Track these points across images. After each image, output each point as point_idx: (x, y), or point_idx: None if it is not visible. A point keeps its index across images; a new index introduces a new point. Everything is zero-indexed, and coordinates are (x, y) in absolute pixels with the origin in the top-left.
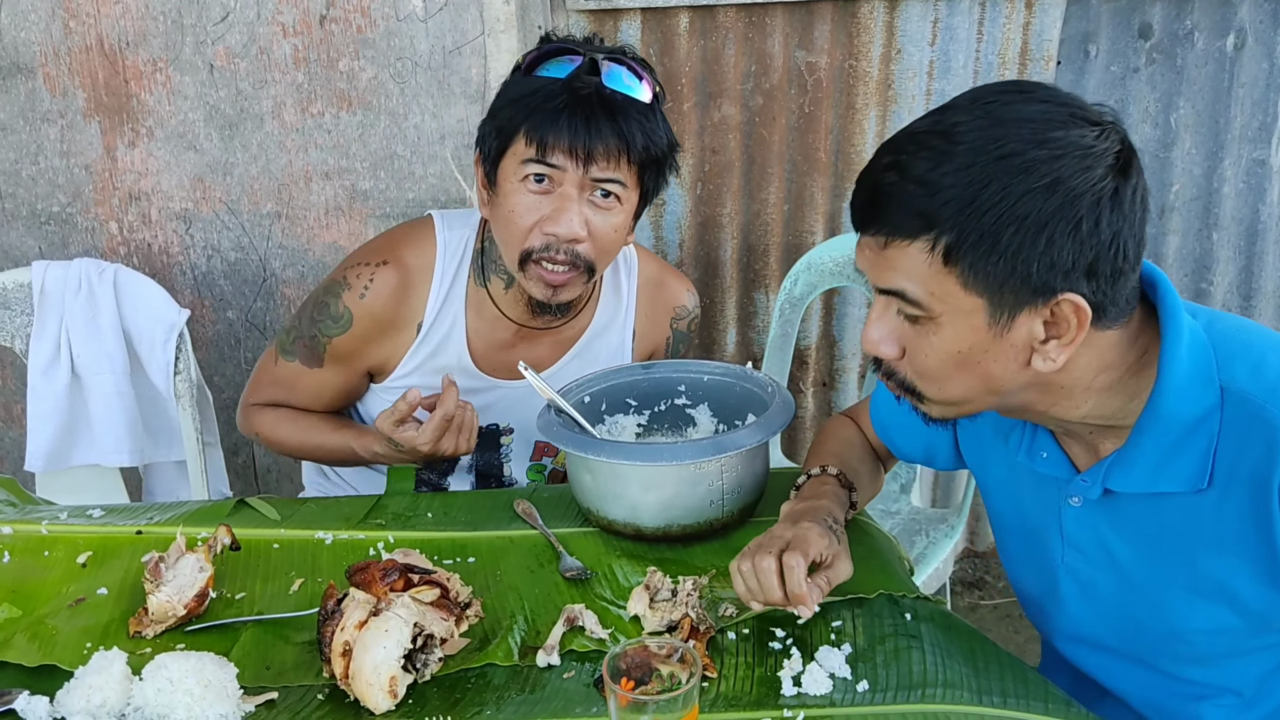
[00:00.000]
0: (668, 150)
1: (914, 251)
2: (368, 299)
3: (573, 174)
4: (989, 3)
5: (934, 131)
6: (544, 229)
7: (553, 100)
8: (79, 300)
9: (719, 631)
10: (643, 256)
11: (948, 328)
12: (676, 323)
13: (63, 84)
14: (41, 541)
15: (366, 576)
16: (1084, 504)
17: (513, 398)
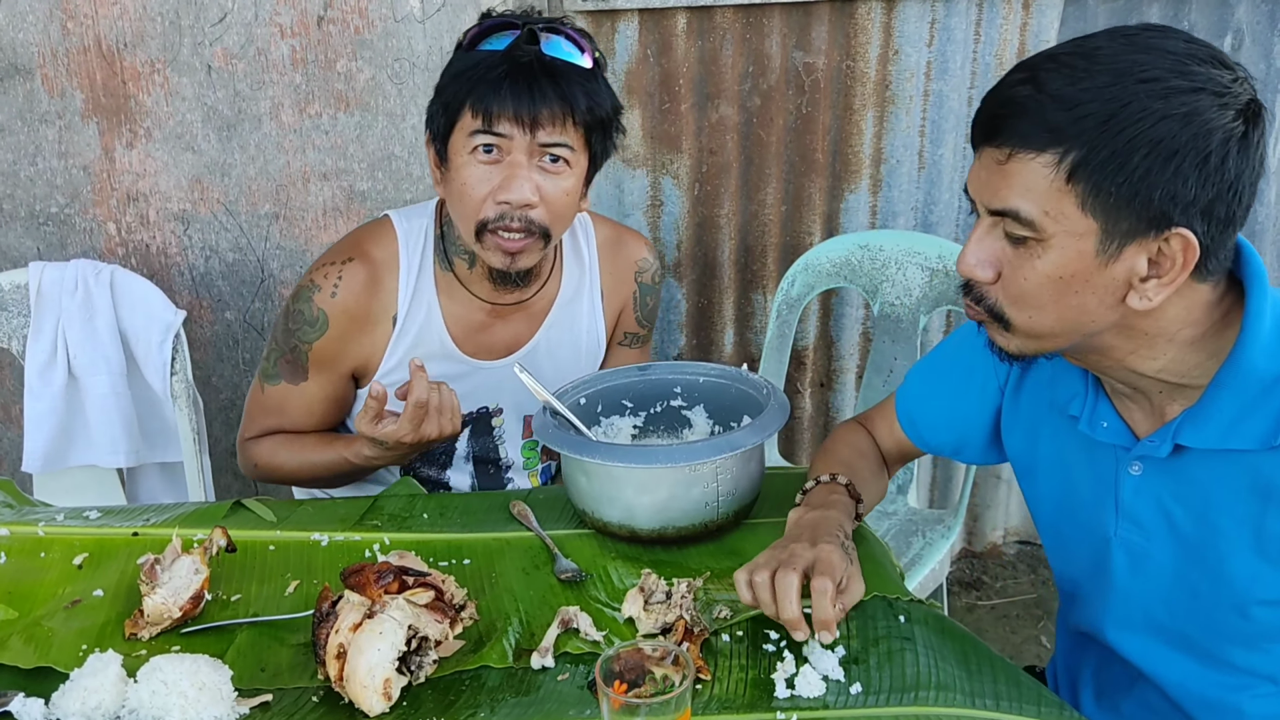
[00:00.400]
0: (612, 113)
1: (1037, 166)
2: (339, 296)
3: (520, 140)
4: (986, 4)
5: (1075, 53)
6: (497, 198)
7: (494, 70)
8: (75, 301)
9: (713, 634)
10: (597, 220)
11: (1055, 251)
12: (640, 276)
13: (61, 85)
14: (38, 543)
15: (361, 579)
16: (1144, 472)
17: (498, 378)
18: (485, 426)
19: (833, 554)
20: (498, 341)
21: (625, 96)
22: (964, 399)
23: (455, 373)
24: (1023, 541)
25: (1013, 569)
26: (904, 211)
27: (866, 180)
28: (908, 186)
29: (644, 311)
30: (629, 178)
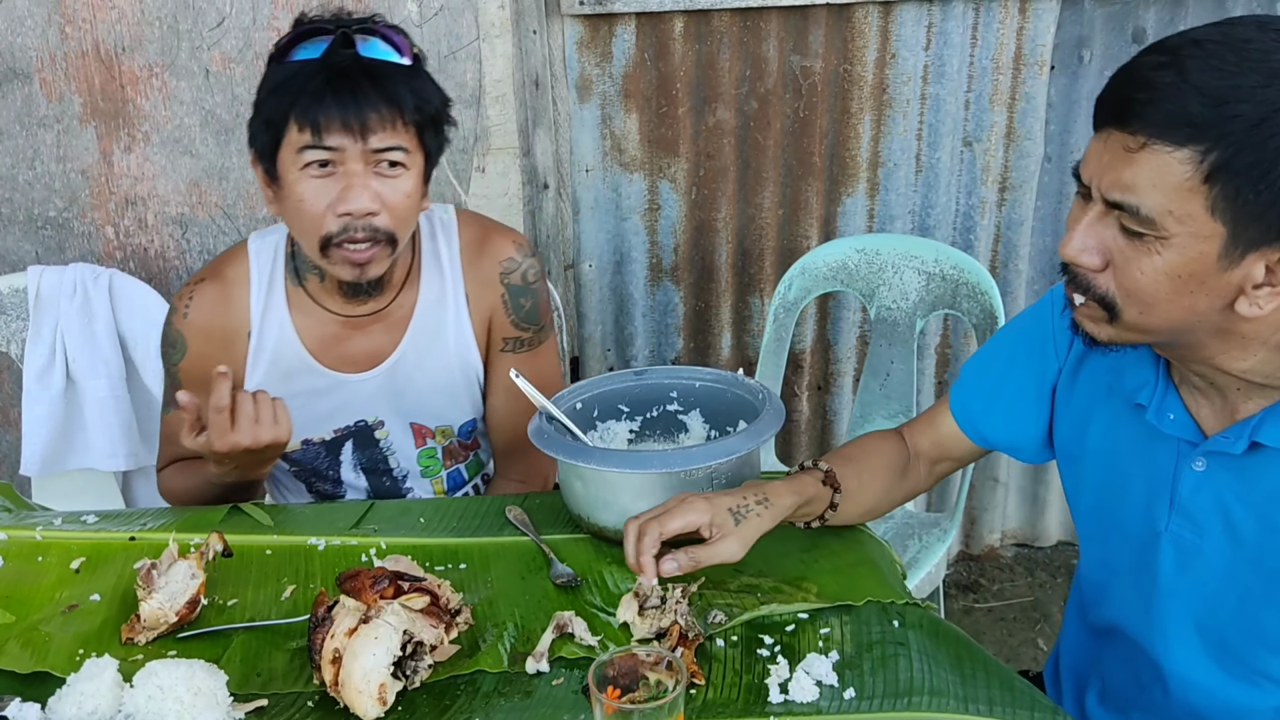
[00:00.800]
0: (441, 108)
1: (1173, 161)
2: (190, 316)
3: (353, 149)
4: (983, 7)
5: (1222, 43)
6: (336, 211)
7: (314, 80)
8: (74, 305)
9: (708, 639)
10: (463, 220)
11: (1175, 250)
12: (507, 277)
13: (59, 89)
14: (36, 547)
15: (357, 584)
16: (1209, 468)
17: (368, 390)
18: (368, 439)
19: (692, 504)
20: (359, 353)
21: (622, 100)
22: (1024, 387)
23: (321, 386)
24: (1020, 544)
25: (1010, 572)
26: (901, 215)
27: (864, 184)
28: (905, 190)
29: (520, 314)
30: (626, 181)
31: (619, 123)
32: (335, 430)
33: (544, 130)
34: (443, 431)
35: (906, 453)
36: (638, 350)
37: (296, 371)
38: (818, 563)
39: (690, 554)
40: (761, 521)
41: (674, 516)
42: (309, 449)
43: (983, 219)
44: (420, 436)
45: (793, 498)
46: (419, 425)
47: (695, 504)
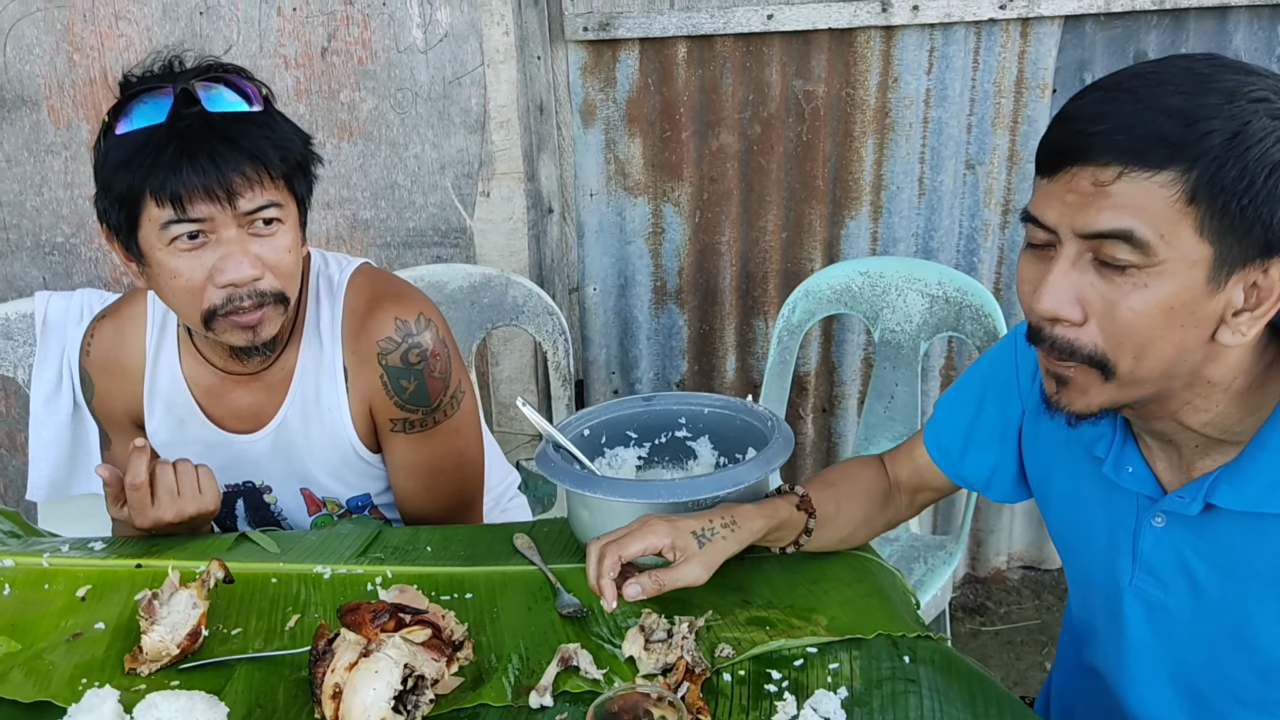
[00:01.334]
0: (305, 150)
1: (1153, 186)
2: (92, 354)
3: (223, 217)
4: (984, 31)
5: (1167, 73)
6: (217, 283)
7: (165, 151)
8: (80, 331)
9: (714, 673)
10: (354, 285)
11: (1166, 279)
12: (385, 358)
13: (67, 116)
14: (42, 574)
15: (357, 617)
16: (1168, 525)
17: (255, 452)
18: (258, 500)
19: (646, 528)
20: (244, 411)
21: (626, 125)
22: (990, 428)
23: (211, 439)
24: (1027, 567)
25: (1017, 594)
26: (904, 238)
27: (867, 207)
28: (908, 213)
29: (404, 396)
30: (630, 205)
31: (623, 147)
32: (227, 486)
33: (548, 155)
34: (332, 502)
35: (887, 481)
36: (642, 373)
37: (188, 420)
38: (827, 594)
39: (653, 577)
40: (727, 544)
41: (633, 540)
42: None
43: (986, 241)
44: (313, 504)
45: (762, 521)
46: (308, 492)
47: (656, 527)
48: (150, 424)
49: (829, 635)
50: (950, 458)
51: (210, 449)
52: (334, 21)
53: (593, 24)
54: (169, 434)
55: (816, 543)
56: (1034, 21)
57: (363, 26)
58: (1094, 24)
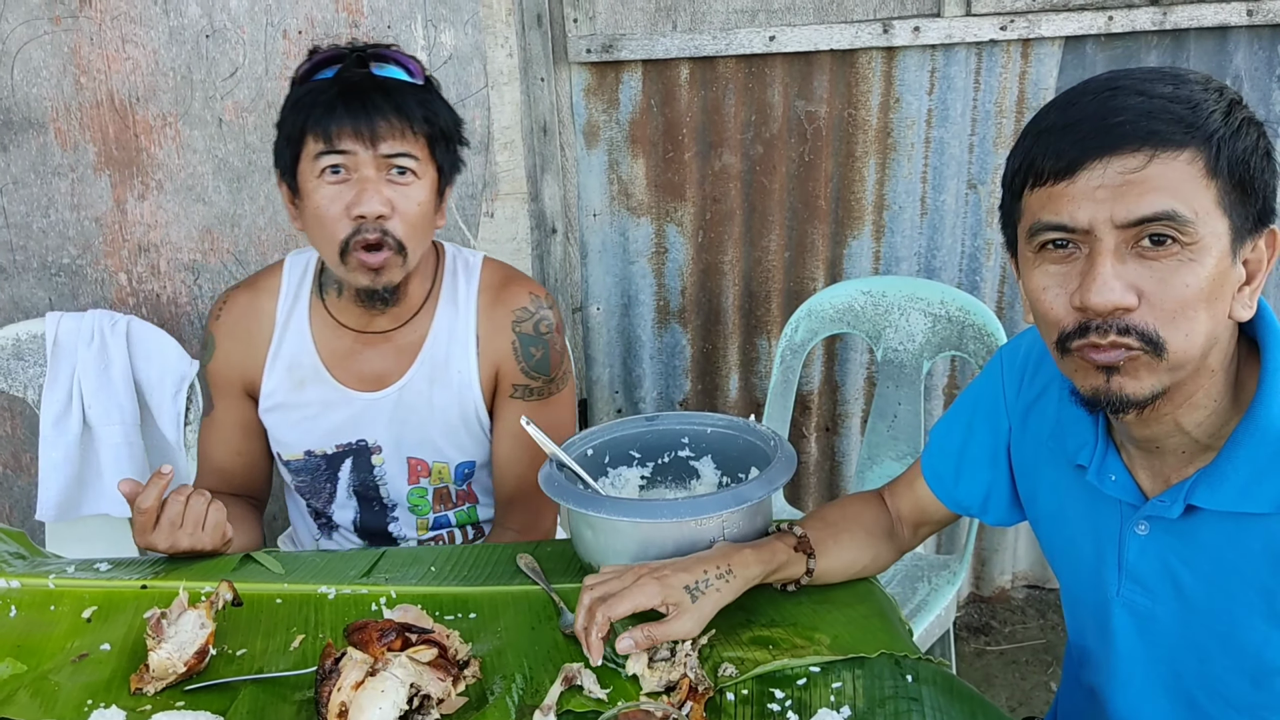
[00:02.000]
0: (453, 125)
1: (1181, 164)
2: (222, 319)
3: (364, 155)
4: (985, 52)
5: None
6: (350, 214)
7: (327, 93)
8: (91, 351)
9: (718, 692)
10: (488, 265)
11: (1205, 254)
12: (519, 325)
13: (74, 138)
14: (48, 596)
15: (364, 636)
16: (1151, 532)
17: (375, 410)
18: (365, 462)
19: (638, 587)
20: (369, 372)
21: (629, 146)
22: (982, 450)
23: (330, 399)
24: (1031, 586)
25: (1021, 614)
26: (907, 257)
27: (869, 226)
28: (910, 233)
29: (530, 363)
30: (633, 225)
31: (626, 168)
32: (338, 445)
33: (552, 175)
34: (439, 471)
35: (889, 516)
36: (645, 392)
37: (309, 381)
38: (830, 614)
39: (646, 631)
40: (721, 595)
41: (623, 600)
42: (310, 460)
43: (988, 261)
44: (414, 473)
45: (759, 568)
46: (415, 460)
47: (646, 586)
48: (267, 385)
49: (832, 654)
50: (945, 484)
51: (327, 408)
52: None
53: (596, 46)
54: (284, 396)
55: (819, 581)
56: (1035, 43)
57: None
58: (1095, 45)
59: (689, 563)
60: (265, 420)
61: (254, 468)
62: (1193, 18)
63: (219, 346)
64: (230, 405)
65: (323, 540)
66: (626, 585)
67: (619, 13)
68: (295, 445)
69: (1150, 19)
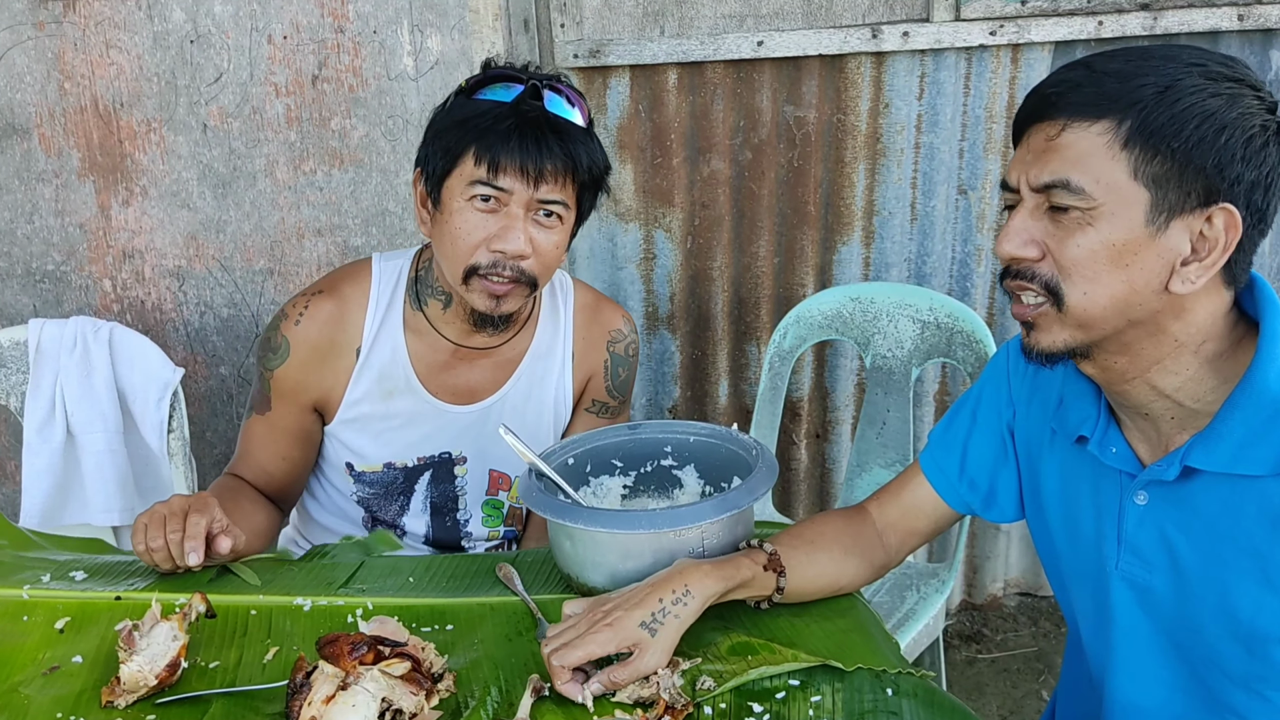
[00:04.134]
0: (605, 172)
1: (1092, 134)
2: (303, 325)
3: (521, 194)
4: (975, 57)
5: (1123, 48)
6: (491, 246)
7: (502, 122)
8: (73, 358)
9: (696, 706)
10: (580, 285)
11: (1106, 220)
12: (613, 346)
13: (58, 144)
14: (21, 606)
15: (335, 649)
16: (1150, 501)
17: (463, 423)
18: (447, 473)
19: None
20: (463, 385)
21: (617, 151)
22: (988, 441)
23: (419, 411)
24: (1023, 593)
25: (1013, 621)
26: (897, 263)
27: (859, 232)
28: (900, 238)
29: (615, 382)
30: (622, 231)
31: (614, 173)
32: (420, 458)
33: None
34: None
35: (870, 531)
36: (634, 399)
37: (399, 392)
38: (808, 627)
39: (610, 675)
40: (681, 621)
41: (574, 649)
42: (389, 472)
43: (979, 266)
44: (494, 485)
45: (719, 584)
46: (498, 473)
47: (599, 634)
48: (351, 395)
49: (810, 660)
50: (949, 477)
51: (412, 420)
52: (325, 49)
53: (583, 51)
54: (370, 406)
55: (790, 599)
56: (1024, 48)
57: (353, 54)
58: (1085, 50)
59: (642, 594)
60: (340, 432)
61: (292, 475)
62: (1183, 22)
63: (294, 353)
64: (289, 412)
65: None
66: (580, 634)
67: (606, 18)
68: (375, 457)
69: (1140, 24)
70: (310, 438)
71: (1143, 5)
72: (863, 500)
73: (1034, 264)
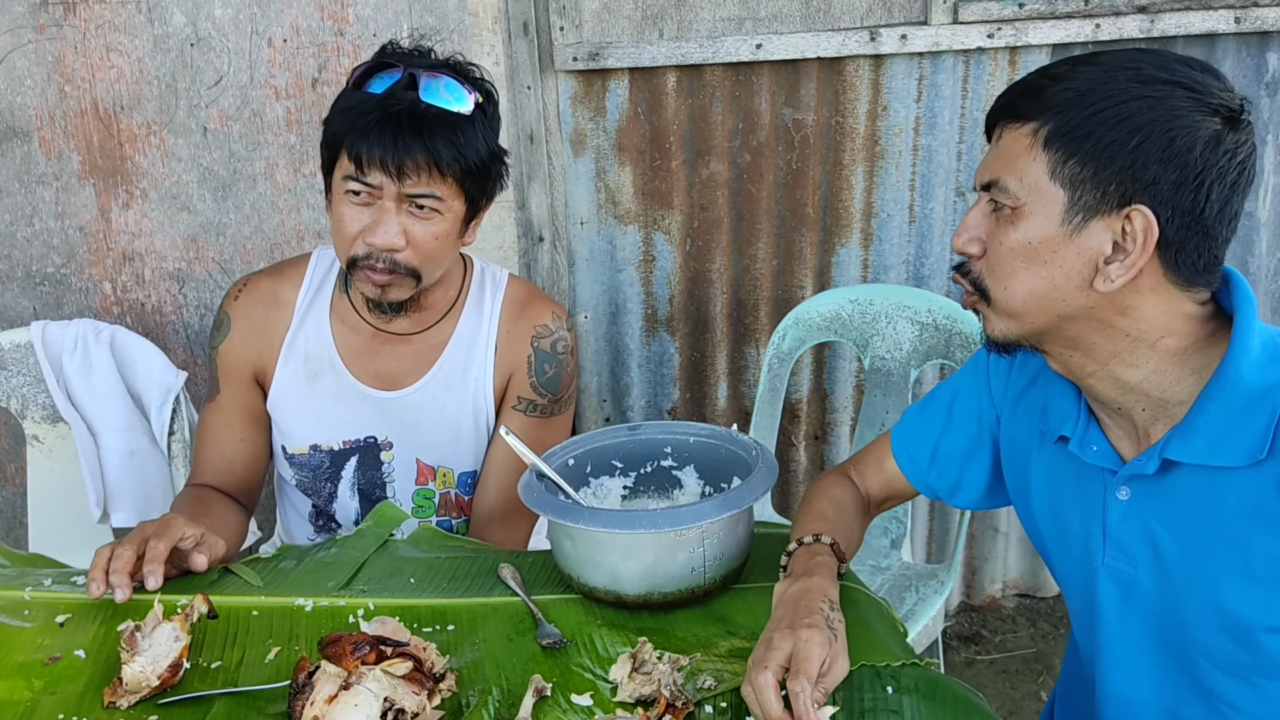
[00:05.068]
0: (487, 159)
1: (1019, 135)
2: (241, 300)
3: (389, 188)
4: (973, 60)
5: (1081, 54)
6: (365, 239)
7: (366, 117)
8: (74, 361)
9: (696, 705)
10: (513, 280)
11: (1025, 219)
12: (538, 341)
13: (58, 147)
14: (23, 603)
15: (338, 649)
16: (1132, 496)
17: (385, 408)
18: (373, 459)
19: (811, 642)
20: (384, 371)
21: (616, 154)
22: (962, 435)
23: (342, 394)
24: (1022, 595)
25: (1012, 622)
26: (895, 265)
27: (857, 234)
28: (899, 240)
29: (541, 379)
30: (621, 234)
31: (613, 176)
32: (345, 441)
33: (539, 184)
34: (444, 475)
35: (861, 495)
36: (634, 401)
37: (324, 373)
38: None
39: (821, 690)
40: (844, 625)
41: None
42: (315, 455)
43: None
44: (423, 474)
45: (834, 585)
46: (423, 464)
47: (818, 638)
48: (281, 373)
49: None
50: (918, 466)
51: (338, 402)
52: (324, 52)
53: (582, 54)
54: (297, 387)
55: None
56: (1022, 50)
57: (353, 57)
58: (1082, 52)
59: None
60: (273, 411)
61: (254, 458)
62: (1180, 25)
63: (234, 328)
64: (237, 390)
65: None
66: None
67: (605, 21)
68: (301, 438)
69: (1138, 26)
70: (261, 418)
71: (1140, 8)
72: (839, 465)
73: (975, 260)
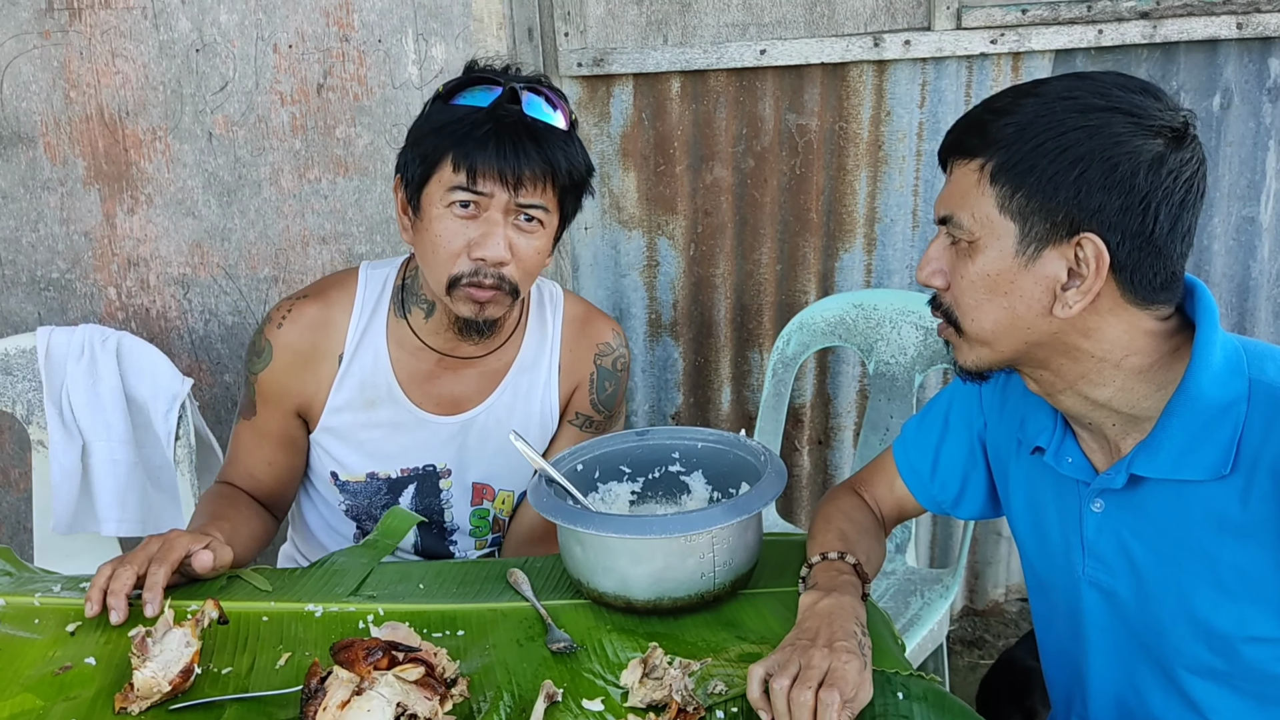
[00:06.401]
0: (586, 175)
1: (968, 171)
2: (284, 328)
3: (500, 199)
4: (976, 66)
5: (1028, 85)
6: (472, 254)
7: (479, 128)
8: (80, 367)
9: (707, 710)
10: (568, 297)
11: (982, 252)
12: (600, 359)
13: (63, 153)
14: (32, 611)
15: (350, 655)
16: (1106, 508)
17: (446, 434)
18: (431, 486)
19: (849, 665)
20: (447, 395)
21: (620, 159)
22: (958, 446)
23: (401, 421)
24: (1025, 599)
25: (1015, 626)
26: (899, 270)
27: (861, 239)
28: (902, 245)
29: (600, 396)
30: (625, 239)
31: (617, 181)
32: (403, 469)
33: None
34: (503, 498)
35: (877, 513)
36: (638, 405)
37: (381, 401)
38: None
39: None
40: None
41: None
42: (372, 483)
43: None
44: (479, 496)
45: (861, 606)
46: (481, 485)
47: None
48: (333, 403)
49: None
50: (921, 479)
51: (394, 430)
52: (330, 58)
53: (587, 60)
54: (353, 415)
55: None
56: (1025, 56)
57: (358, 63)
58: (1085, 58)
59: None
60: (323, 440)
61: (280, 481)
62: (1182, 31)
63: (276, 357)
64: (273, 417)
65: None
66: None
67: (610, 26)
68: (357, 467)
69: (1140, 32)
70: (295, 444)
71: (1143, 14)
72: (848, 482)
73: (944, 293)
